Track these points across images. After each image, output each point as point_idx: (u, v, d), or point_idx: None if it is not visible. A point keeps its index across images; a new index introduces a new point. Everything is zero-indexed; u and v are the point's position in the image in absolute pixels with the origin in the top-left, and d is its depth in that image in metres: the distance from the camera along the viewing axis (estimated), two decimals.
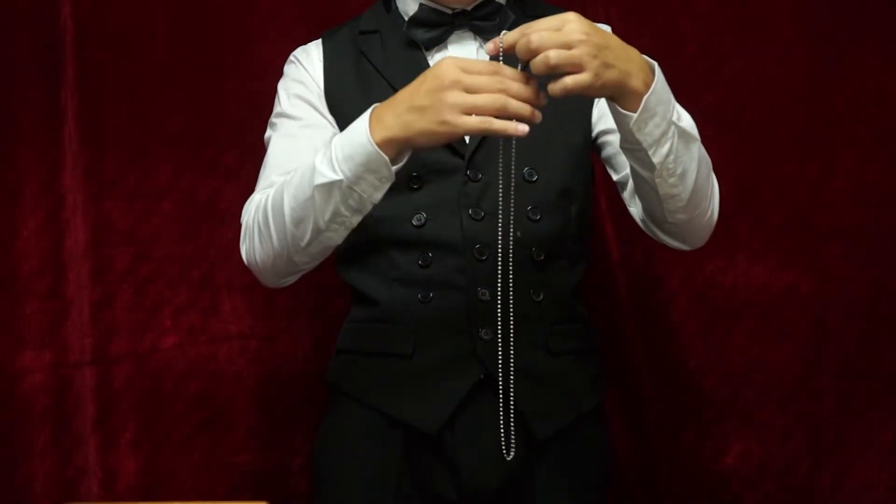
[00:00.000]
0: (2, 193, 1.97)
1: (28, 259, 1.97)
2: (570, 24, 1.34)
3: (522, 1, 1.68)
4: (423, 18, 1.63)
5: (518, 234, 1.54)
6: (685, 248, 1.61)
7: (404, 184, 1.54)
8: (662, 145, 1.42)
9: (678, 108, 1.46)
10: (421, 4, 1.64)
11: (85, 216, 1.97)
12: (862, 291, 1.95)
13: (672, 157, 1.43)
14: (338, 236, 1.50)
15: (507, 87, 1.35)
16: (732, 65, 1.96)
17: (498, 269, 1.49)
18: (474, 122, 1.34)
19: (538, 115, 1.36)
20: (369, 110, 1.42)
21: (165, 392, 1.99)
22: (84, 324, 1.97)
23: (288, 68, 1.70)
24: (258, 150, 1.71)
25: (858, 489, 1.95)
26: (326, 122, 1.63)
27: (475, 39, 1.63)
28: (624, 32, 1.69)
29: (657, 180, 1.45)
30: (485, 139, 1.56)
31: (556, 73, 1.33)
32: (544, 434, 1.56)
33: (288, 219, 1.48)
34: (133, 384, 1.98)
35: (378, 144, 1.39)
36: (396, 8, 1.68)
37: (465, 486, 1.56)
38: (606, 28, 1.68)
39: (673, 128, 1.42)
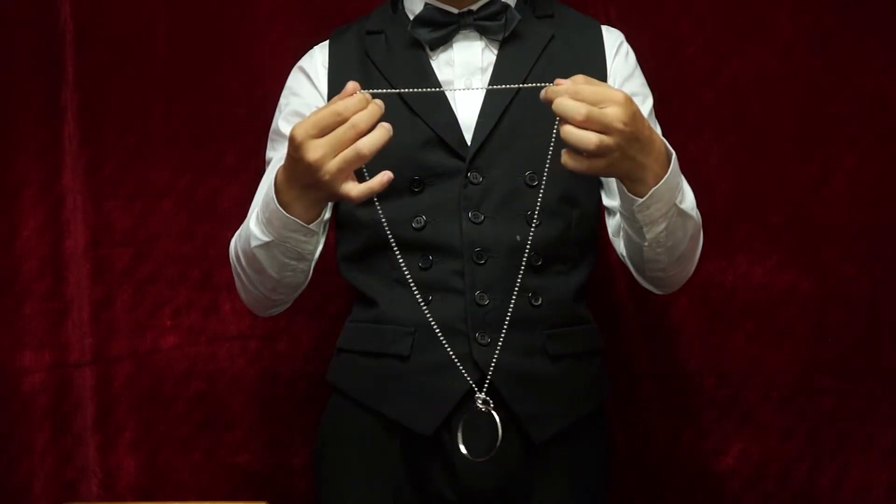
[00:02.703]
0: (2, 193, 1.97)
1: (28, 259, 1.97)
2: (615, 109, 1.32)
3: (533, 1, 1.67)
4: (428, 18, 1.62)
5: (517, 238, 1.55)
6: (657, 292, 1.64)
7: (406, 187, 1.55)
8: (659, 224, 1.45)
9: (684, 187, 1.47)
10: (426, 4, 1.64)
11: (85, 216, 1.97)
12: (862, 291, 1.95)
13: (665, 233, 1.46)
14: (297, 279, 1.56)
15: (357, 129, 1.33)
16: (732, 65, 1.96)
17: (515, 272, 1.50)
18: (354, 192, 1.35)
19: (389, 129, 1.34)
20: (273, 176, 1.44)
21: (165, 392, 1.99)
22: (84, 324, 1.97)
23: (291, 78, 1.70)
24: (258, 150, 1.71)
25: (858, 489, 1.95)
26: None
27: (481, 39, 1.63)
28: (624, 32, 1.70)
29: (645, 247, 1.49)
30: (487, 141, 1.56)
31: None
32: (541, 438, 1.56)
33: (248, 271, 1.56)
34: (133, 384, 1.98)
35: (292, 212, 1.42)
36: (403, 8, 1.68)
37: (462, 487, 1.56)
38: (617, 32, 1.68)
39: (674, 209, 1.44)
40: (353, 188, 1.35)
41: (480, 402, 1.50)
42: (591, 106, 1.31)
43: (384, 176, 1.35)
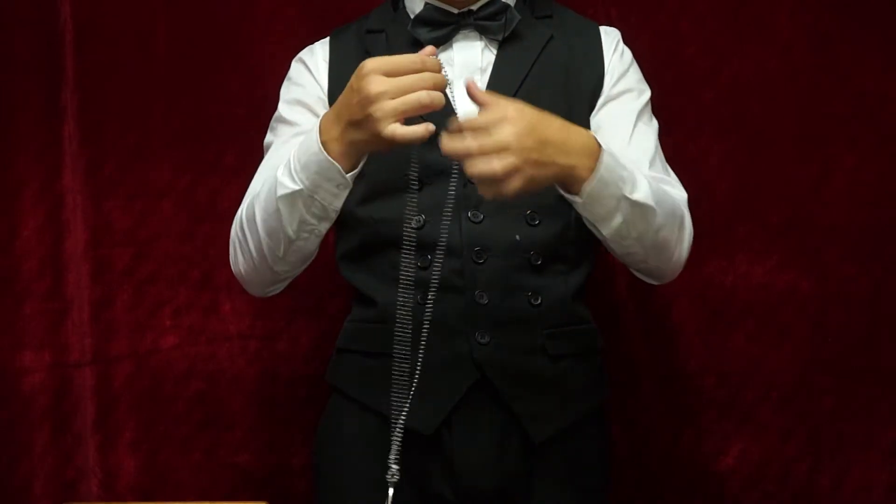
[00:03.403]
0: (2, 193, 1.97)
1: (28, 259, 1.97)
2: (505, 128, 1.32)
3: (532, 1, 1.68)
4: (428, 18, 1.63)
5: (517, 237, 1.55)
6: (655, 283, 1.63)
7: (405, 185, 1.54)
8: (613, 219, 1.44)
9: (635, 178, 1.44)
10: (426, 3, 1.64)
11: (85, 216, 1.98)
12: (862, 291, 1.95)
13: (625, 226, 1.44)
14: (310, 244, 1.53)
15: (426, 84, 1.35)
16: (732, 65, 1.96)
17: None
18: (399, 132, 1.35)
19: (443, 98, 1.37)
20: (319, 119, 1.44)
21: (165, 392, 1.99)
22: (84, 324, 1.97)
23: (292, 69, 1.70)
24: (258, 150, 1.71)
25: (858, 489, 1.95)
26: None
27: (480, 39, 1.63)
28: (624, 32, 1.70)
29: (611, 244, 1.48)
30: None
31: None
32: (540, 437, 1.56)
33: (261, 231, 1.52)
34: (133, 384, 1.98)
35: (329, 154, 1.41)
36: (404, 7, 1.68)
37: (462, 487, 1.56)
38: (614, 32, 1.68)
39: (624, 202, 1.42)
40: (399, 128, 1.35)
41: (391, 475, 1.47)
42: (480, 135, 1.32)
43: (429, 125, 1.36)
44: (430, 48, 1.39)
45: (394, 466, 1.46)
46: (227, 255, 1.64)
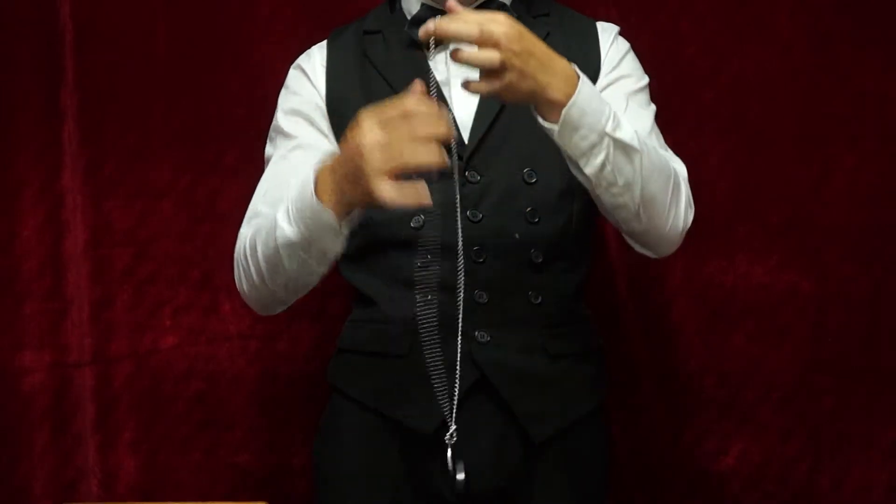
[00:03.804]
0: (2, 193, 1.97)
1: (28, 259, 1.97)
2: (496, 25, 1.32)
3: (528, 1, 1.68)
4: (424, 18, 1.62)
5: (516, 235, 1.55)
6: (653, 255, 1.59)
7: None
8: (595, 157, 1.40)
9: (619, 118, 1.42)
10: (422, 4, 1.64)
11: (84, 216, 1.98)
12: (862, 291, 1.95)
13: (609, 168, 1.41)
14: (312, 280, 1.51)
15: (429, 132, 1.31)
16: (732, 65, 1.96)
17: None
18: (388, 196, 1.31)
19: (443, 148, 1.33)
20: (317, 166, 1.41)
21: (165, 392, 1.99)
22: (84, 324, 1.97)
23: (289, 77, 1.69)
24: (258, 151, 1.71)
25: (858, 489, 1.95)
26: (320, 138, 1.62)
27: None
28: (624, 32, 1.70)
29: (597, 190, 1.44)
30: (484, 139, 1.56)
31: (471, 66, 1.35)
32: (540, 437, 1.56)
33: (263, 266, 1.51)
34: (133, 384, 1.99)
35: (324, 204, 1.38)
36: (400, 8, 1.68)
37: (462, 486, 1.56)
38: (612, 27, 1.68)
39: (607, 139, 1.40)
40: (387, 189, 1.31)
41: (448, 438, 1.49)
42: (469, 25, 1.32)
43: (425, 200, 1.31)
44: (417, 85, 1.36)
45: (453, 426, 1.47)
46: (227, 255, 1.64)
